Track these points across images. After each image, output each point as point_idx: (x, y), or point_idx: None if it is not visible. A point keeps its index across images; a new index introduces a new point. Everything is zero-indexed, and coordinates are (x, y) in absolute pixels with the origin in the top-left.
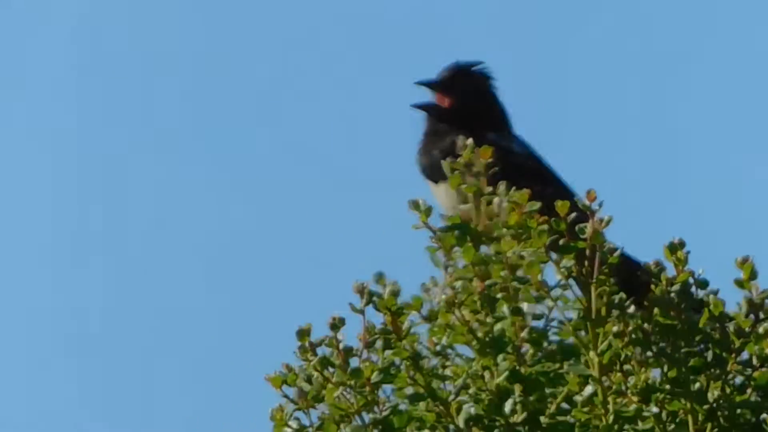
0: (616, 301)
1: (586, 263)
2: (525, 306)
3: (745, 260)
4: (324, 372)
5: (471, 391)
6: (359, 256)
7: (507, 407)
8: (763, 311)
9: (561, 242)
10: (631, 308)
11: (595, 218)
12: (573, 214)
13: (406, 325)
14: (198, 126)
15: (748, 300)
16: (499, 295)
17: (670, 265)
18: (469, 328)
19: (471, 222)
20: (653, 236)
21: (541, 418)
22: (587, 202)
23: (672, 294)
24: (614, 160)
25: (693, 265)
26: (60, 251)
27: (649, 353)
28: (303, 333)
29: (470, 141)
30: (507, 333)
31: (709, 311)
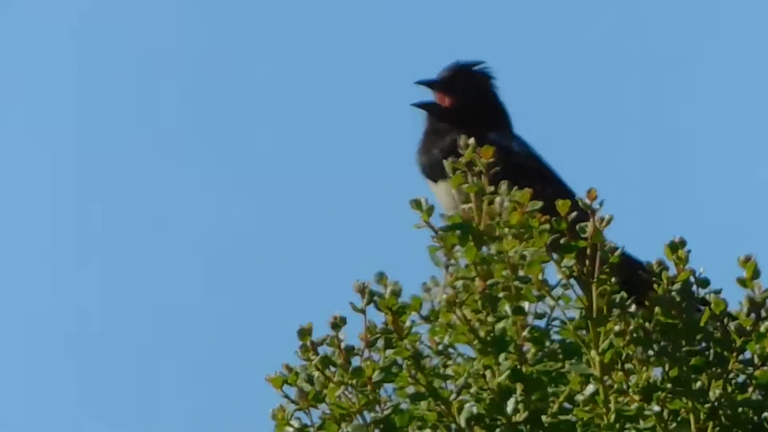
0: (617, 300)
1: (587, 262)
2: (527, 305)
3: (748, 258)
4: (325, 371)
5: (472, 391)
6: (360, 256)
7: (509, 406)
8: (765, 310)
9: (562, 241)
10: (632, 307)
11: (596, 217)
12: (574, 214)
13: (407, 325)
14: (198, 126)
15: (750, 298)
16: (501, 295)
17: (671, 264)
18: (471, 328)
19: (472, 221)
20: (653, 236)
21: (543, 418)
22: (588, 201)
23: (673, 293)
24: (614, 160)
25: (694, 265)
26: (60, 251)
27: (651, 352)
28: (304, 332)
29: (472, 140)
30: (508, 332)
31: (711, 310)
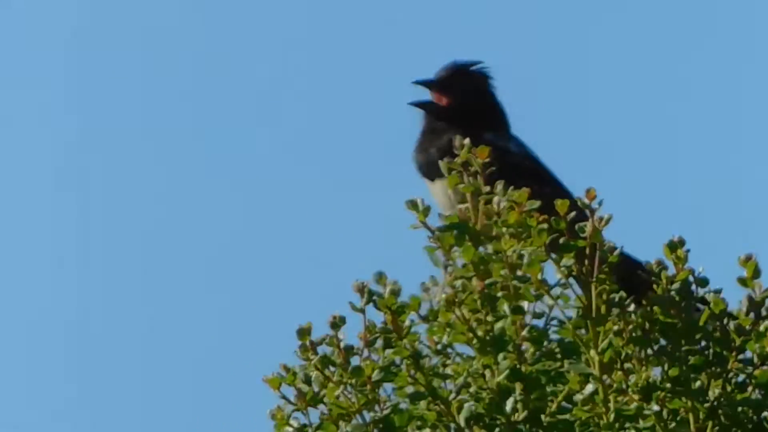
0: (617, 300)
1: (586, 262)
2: (526, 305)
3: (749, 258)
4: (325, 371)
5: (472, 390)
6: (359, 256)
7: (508, 406)
8: (765, 309)
9: (561, 241)
10: (632, 307)
11: (595, 217)
12: (572, 213)
13: (407, 324)
14: (198, 126)
15: (749, 298)
16: (500, 294)
17: (671, 264)
18: (470, 327)
19: (469, 221)
20: (653, 236)
21: (542, 417)
22: (587, 201)
23: (672, 292)
24: (613, 160)
25: (694, 264)
26: (61, 250)
27: (650, 351)
28: (303, 332)
29: (467, 141)
30: (507, 331)
31: (710, 309)
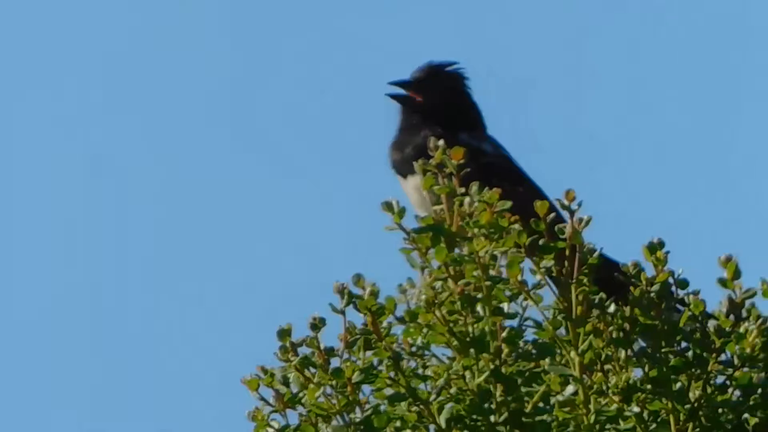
0: (596, 301)
1: (566, 263)
2: (505, 306)
3: (729, 259)
4: (305, 372)
5: (452, 391)
6: (339, 257)
7: (488, 407)
8: (745, 310)
9: (541, 242)
10: (612, 308)
11: (575, 218)
12: (552, 215)
13: (385, 326)
14: (196, 125)
15: (729, 299)
16: (479, 296)
17: (650, 266)
18: (449, 329)
19: (444, 222)
20: (635, 237)
21: (522, 418)
22: (566, 203)
23: (652, 294)
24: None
25: (677, 266)
26: (60, 251)
27: (630, 353)
28: (284, 333)
29: (441, 142)
30: (486, 333)
31: (690, 311)
